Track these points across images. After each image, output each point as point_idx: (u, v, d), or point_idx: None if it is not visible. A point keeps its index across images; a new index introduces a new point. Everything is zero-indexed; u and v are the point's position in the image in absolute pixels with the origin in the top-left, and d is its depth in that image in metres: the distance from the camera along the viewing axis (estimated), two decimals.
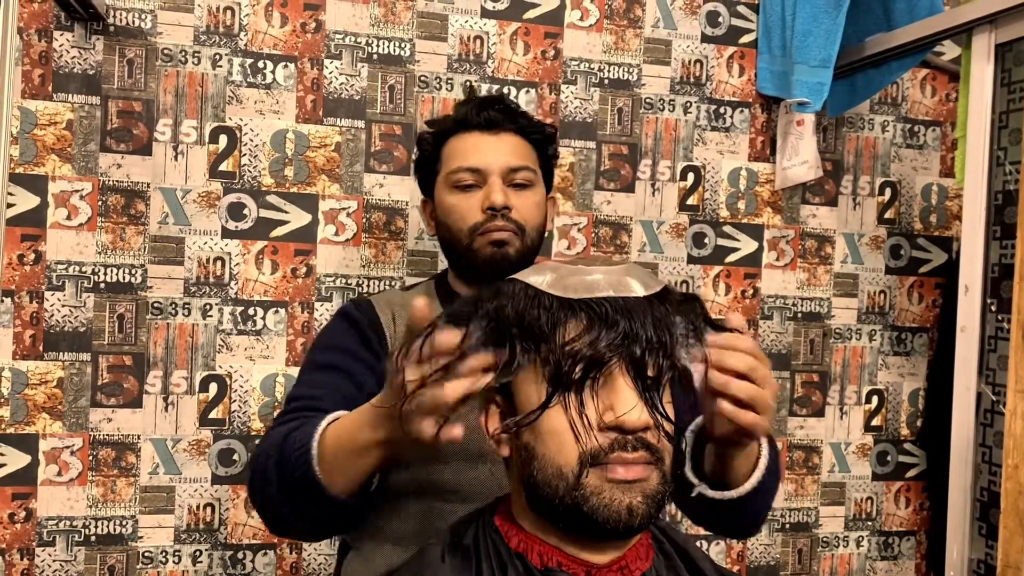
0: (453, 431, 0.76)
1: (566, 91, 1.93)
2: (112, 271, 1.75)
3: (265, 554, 1.82)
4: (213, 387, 1.79)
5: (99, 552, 1.75)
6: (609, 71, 1.96)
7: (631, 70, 1.97)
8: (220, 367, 1.80)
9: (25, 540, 1.72)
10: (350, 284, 1.85)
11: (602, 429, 0.74)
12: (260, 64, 1.80)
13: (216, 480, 1.80)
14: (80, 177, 1.74)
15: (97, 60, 1.74)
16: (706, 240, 2.01)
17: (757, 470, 0.93)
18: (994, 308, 1.63)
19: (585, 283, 0.76)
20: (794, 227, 2.06)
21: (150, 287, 1.77)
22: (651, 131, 1.98)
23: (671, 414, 0.79)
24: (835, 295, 2.09)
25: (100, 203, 1.74)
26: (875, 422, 2.12)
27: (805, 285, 2.07)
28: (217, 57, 1.79)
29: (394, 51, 1.86)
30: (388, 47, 1.86)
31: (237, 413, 1.80)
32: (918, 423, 2.14)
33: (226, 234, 1.80)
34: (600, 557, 0.79)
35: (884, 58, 1.87)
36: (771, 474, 0.96)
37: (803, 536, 2.08)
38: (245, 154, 1.80)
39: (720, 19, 2.01)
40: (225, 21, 1.79)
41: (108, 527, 1.76)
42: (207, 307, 1.79)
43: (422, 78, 1.87)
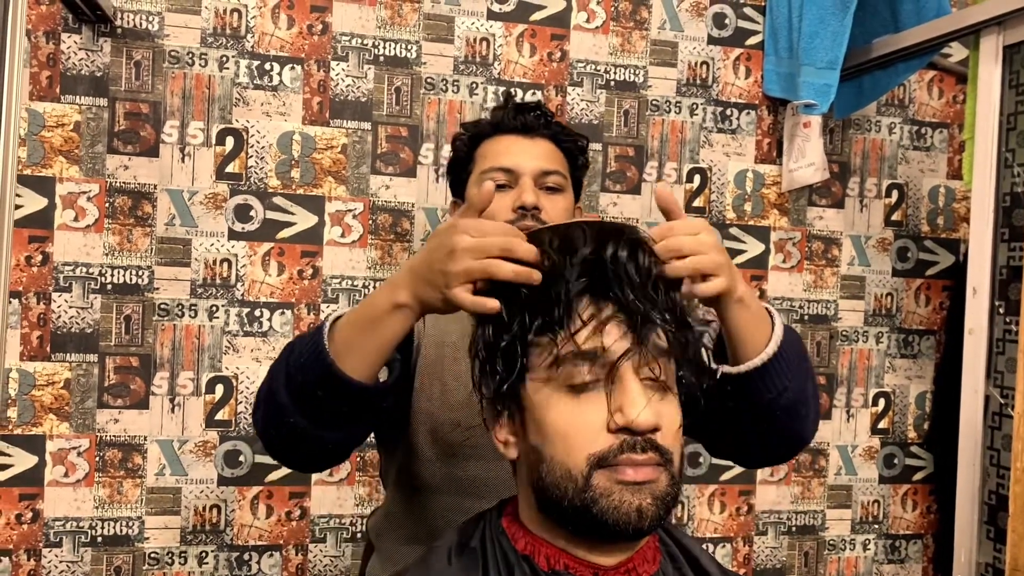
0: (488, 303, 0.80)
1: (572, 93, 1.93)
2: (119, 272, 1.75)
3: (271, 555, 1.82)
4: (219, 388, 1.80)
5: (105, 553, 1.76)
6: (615, 73, 1.96)
7: (637, 72, 1.97)
8: (226, 368, 1.80)
9: (32, 541, 1.73)
10: (356, 286, 1.85)
11: (611, 431, 0.74)
12: (267, 66, 1.81)
13: (222, 481, 1.80)
14: (87, 179, 1.74)
15: (104, 62, 1.74)
16: None
17: (773, 338, 0.93)
18: (1002, 310, 1.63)
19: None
20: (801, 229, 2.06)
21: (157, 288, 1.77)
22: (657, 133, 1.98)
23: (679, 416, 0.79)
24: (842, 297, 2.08)
25: (107, 205, 1.75)
26: (882, 425, 2.11)
27: (812, 287, 2.07)
28: (224, 59, 1.79)
29: (401, 53, 1.86)
30: (395, 49, 1.86)
31: (243, 414, 1.81)
32: (925, 426, 2.13)
33: (233, 236, 1.80)
34: (608, 559, 0.79)
35: (891, 60, 1.87)
36: (794, 348, 0.95)
37: (809, 539, 2.08)
38: (252, 156, 1.80)
39: (727, 21, 2.01)
40: (232, 23, 1.79)
41: (115, 528, 1.76)
42: (214, 308, 1.79)
43: (428, 80, 1.88)
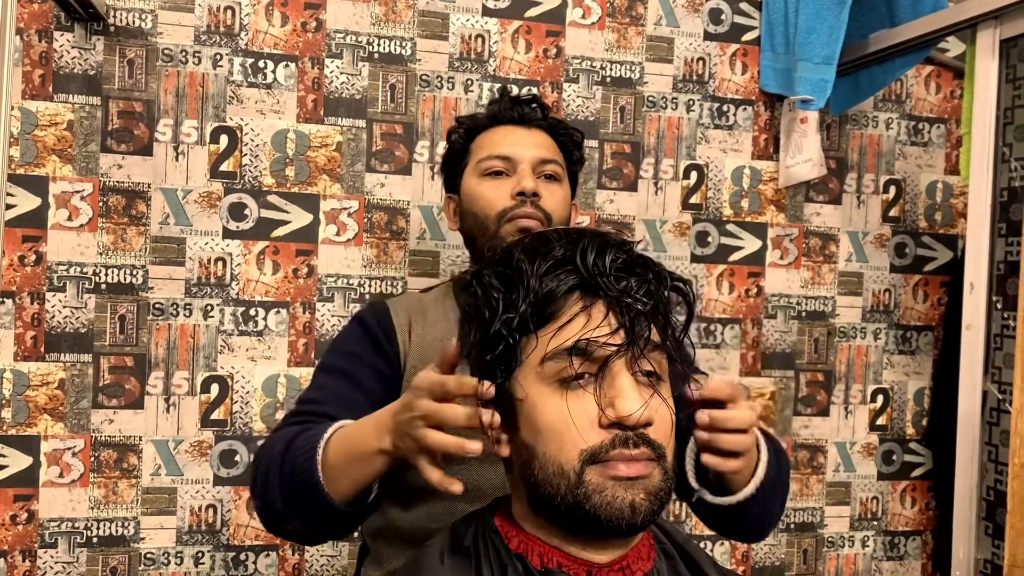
0: (453, 487, 0.82)
1: (568, 89, 1.93)
2: (113, 272, 1.75)
3: (267, 555, 1.82)
4: (215, 388, 1.79)
5: (101, 554, 1.75)
6: (611, 69, 1.95)
7: (633, 68, 1.96)
8: (222, 368, 1.79)
9: (27, 542, 1.72)
10: (351, 284, 1.84)
11: (603, 426, 0.73)
12: (261, 64, 1.80)
13: (218, 481, 1.79)
14: (81, 178, 1.73)
15: (97, 60, 1.73)
16: (709, 239, 2.00)
17: (755, 478, 0.94)
18: (1000, 305, 1.62)
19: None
20: (798, 225, 2.05)
21: (151, 288, 1.76)
22: (654, 129, 1.97)
23: (671, 409, 0.78)
24: (839, 294, 2.08)
25: (101, 204, 1.74)
26: (880, 421, 2.10)
27: (809, 284, 2.06)
28: (218, 57, 1.78)
29: (395, 50, 1.86)
30: (389, 46, 1.85)
31: (239, 414, 1.80)
32: (924, 422, 2.13)
33: (227, 234, 1.79)
34: (602, 556, 0.78)
35: (888, 55, 1.86)
36: (773, 481, 0.97)
37: (808, 536, 2.07)
38: (246, 154, 1.80)
39: (723, 16, 2.00)
40: (225, 21, 1.78)
41: (110, 528, 1.75)
42: (208, 308, 1.78)
43: (423, 77, 1.87)
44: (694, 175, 2.00)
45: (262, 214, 1.80)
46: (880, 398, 2.10)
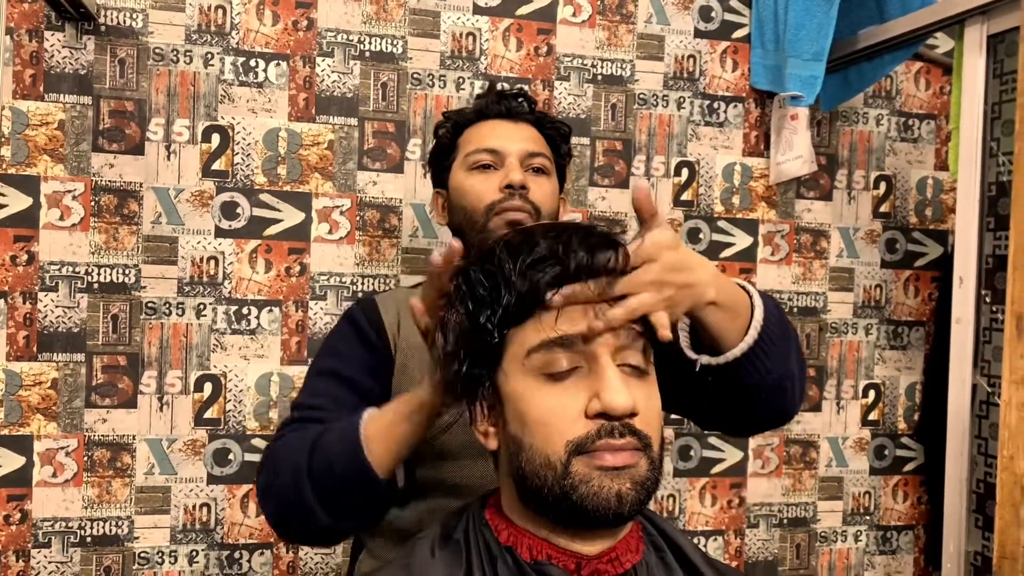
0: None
1: (559, 87, 1.93)
2: (105, 271, 1.75)
3: (262, 554, 1.82)
4: (208, 387, 1.79)
5: (95, 553, 1.75)
6: (602, 67, 1.96)
7: (624, 66, 1.97)
8: (215, 367, 1.79)
9: (21, 542, 1.72)
10: (344, 282, 1.84)
11: (589, 416, 0.74)
12: (252, 62, 1.80)
13: (212, 480, 1.79)
14: (72, 177, 1.73)
15: (88, 60, 1.74)
16: (701, 235, 2.01)
17: (752, 328, 0.90)
18: (989, 299, 1.63)
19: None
20: (789, 222, 2.06)
21: (144, 287, 1.76)
22: (645, 127, 1.98)
23: (657, 400, 0.79)
24: (831, 289, 2.09)
25: (93, 203, 1.74)
26: (872, 416, 2.11)
27: (800, 280, 2.07)
28: (209, 56, 1.78)
29: (386, 48, 1.86)
30: (380, 44, 1.86)
31: (232, 413, 1.80)
32: (915, 417, 2.14)
33: (219, 233, 1.79)
34: (590, 548, 0.79)
35: (877, 51, 1.87)
36: (774, 328, 0.92)
37: (801, 531, 2.08)
38: (238, 153, 1.80)
39: (713, 14, 2.01)
40: (216, 20, 1.79)
41: (104, 528, 1.75)
42: (201, 307, 1.78)
43: (415, 75, 1.87)
44: (685, 172, 2.00)
45: (254, 213, 1.81)
46: (872, 393, 2.11)
